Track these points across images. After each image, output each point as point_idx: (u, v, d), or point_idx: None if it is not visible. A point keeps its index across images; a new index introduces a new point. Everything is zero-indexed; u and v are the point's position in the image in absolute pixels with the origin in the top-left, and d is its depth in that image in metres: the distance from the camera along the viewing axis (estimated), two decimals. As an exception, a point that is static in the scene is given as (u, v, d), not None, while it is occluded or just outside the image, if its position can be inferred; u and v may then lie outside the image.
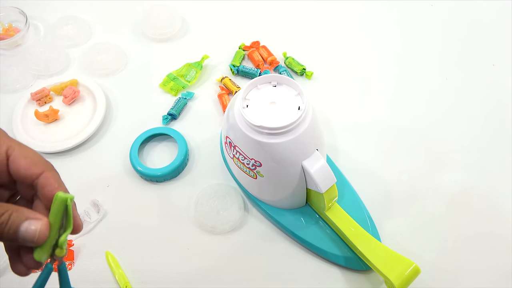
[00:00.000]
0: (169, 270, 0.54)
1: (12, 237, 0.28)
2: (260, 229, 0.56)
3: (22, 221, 0.28)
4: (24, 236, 0.28)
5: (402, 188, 0.59)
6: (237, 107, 0.47)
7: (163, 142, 0.64)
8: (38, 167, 0.31)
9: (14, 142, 0.32)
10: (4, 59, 0.73)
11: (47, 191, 0.31)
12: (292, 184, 0.50)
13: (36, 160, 0.31)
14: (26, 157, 0.31)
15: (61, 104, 0.67)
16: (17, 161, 0.31)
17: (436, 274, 0.52)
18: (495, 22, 0.77)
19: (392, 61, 0.72)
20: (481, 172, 0.60)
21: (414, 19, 0.78)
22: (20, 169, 0.31)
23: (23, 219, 0.28)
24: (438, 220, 0.56)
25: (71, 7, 0.80)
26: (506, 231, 0.55)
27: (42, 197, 0.31)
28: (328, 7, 0.79)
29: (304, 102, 0.46)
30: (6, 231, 0.28)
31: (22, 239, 0.29)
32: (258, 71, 0.69)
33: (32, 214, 0.29)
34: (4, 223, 0.28)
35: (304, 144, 0.46)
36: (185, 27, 0.77)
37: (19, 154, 0.31)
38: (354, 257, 0.52)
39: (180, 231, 0.56)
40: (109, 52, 0.72)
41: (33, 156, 0.31)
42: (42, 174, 0.31)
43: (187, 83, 0.69)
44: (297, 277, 0.53)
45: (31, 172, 0.31)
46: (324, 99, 0.68)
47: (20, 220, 0.28)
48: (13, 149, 0.31)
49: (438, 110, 0.66)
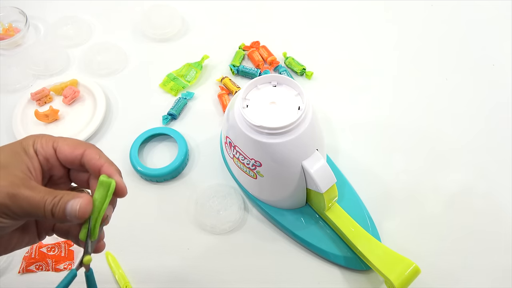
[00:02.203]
0: (169, 270, 0.54)
1: (62, 216, 0.33)
2: (260, 229, 0.56)
3: (70, 199, 0.33)
4: (70, 212, 0.33)
5: (402, 188, 0.59)
6: (237, 107, 0.47)
7: (163, 142, 0.64)
8: (79, 148, 0.36)
9: (57, 138, 0.37)
10: (4, 59, 0.73)
11: (92, 164, 0.36)
12: (292, 184, 0.50)
13: (76, 143, 0.37)
14: (68, 144, 0.36)
15: (61, 104, 0.67)
16: (62, 150, 0.36)
17: (436, 274, 0.52)
18: (495, 22, 0.77)
19: (392, 61, 0.72)
20: (481, 172, 0.60)
21: (414, 19, 0.78)
22: (66, 154, 0.36)
23: (70, 198, 0.33)
24: (438, 220, 0.56)
25: (71, 7, 0.80)
26: (506, 231, 0.55)
27: (91, 172, 0.36)
28: (328, 7, 0.79)
29: (304, 102, 0.46)
30: (57, 210, 0.33)
31: (69, 215, 0.33)
32: (258, 71, 0.69)
33: (78, 195, 0.33)
34: (56, 203, 0.33)
35: (304, 144, 0.46)
36: (185, 27, 0.77)
37: (62, 144, 0.36)
38: (354, 257, 0.52)
39: (180, 231, 0.56)
40: (109, 52, 0.72)
41: (73, 141, 0.37)
42: (85, 152, 0.36)
43: (187, 83, 0.69)
44: (297, 277, 0.53)
45: (75, 153, 0.36)
46: (324, 99, 0.68)
47: (68, 199, 0.33)
48: (57, 142, 0.36)
49: (438, 110, 0.66)
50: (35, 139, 0.36)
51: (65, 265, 0.53)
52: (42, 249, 0.53)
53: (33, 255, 0.53)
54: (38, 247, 0.53)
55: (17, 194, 0.32)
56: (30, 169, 0.35)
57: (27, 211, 0.33)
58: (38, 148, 0.36)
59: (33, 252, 0.53)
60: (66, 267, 0.53)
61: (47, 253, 0.53)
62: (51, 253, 0.53)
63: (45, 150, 0.36)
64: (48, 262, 0.53)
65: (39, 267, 0.53)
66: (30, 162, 0.35)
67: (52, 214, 0.33)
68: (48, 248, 0.54)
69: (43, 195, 0.33)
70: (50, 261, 0.53)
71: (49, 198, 0.33)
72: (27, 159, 0.35)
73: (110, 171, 0.36)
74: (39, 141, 0.36)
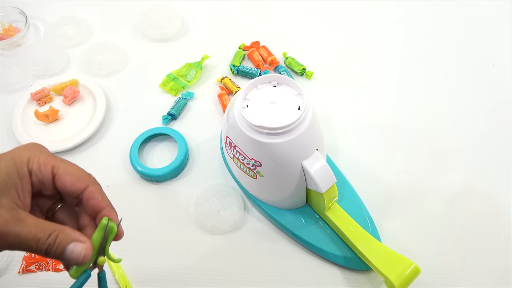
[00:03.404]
0: (169, 270, 0.54)
1: (59, 256, 0.31)
2: (260, 229, 0.56)
3: (68, 242, 0.31)
4: (70, 257, 0.31)
5: (402, 188, 0.59)
6: (237, 107, 0.47)
7: (163, 142, 0.64)
8: (82, 182, 0.34)
9: (58, 160, 0.34)
10: (4, 59, 0.73)
11: (92, 204, 0.34)
12: (292, 184, 0.50)
13: (79, 176, 0.34)
14: (71, 174, 0.34)
15: (61, 104, 0.67)
16: (63, 179, 0.33)
17: (436, 274, 0.52)
18: (495, 22, 0.77)
19: (392, 61, 0.72)
20: (481, 172, 0.60)
21: (415, 19, 0.78)
22: (66, 185, 0.33)
23: (69, 241, 0.31)
24: (438, 220, 0.56)
25: (71, 7, 0.80)
26: (506, 231, 0.55)
27: (87, 208, 0.34)
28: (328, 7, 0.79)
29: (304, 102, 0.46)
30: (53, 250, 0.31)
31: (67, 259, 0.31)
32: (258, 71, 0.69)
33: (77, 236, 0.32)
34: (51, 244, 0.31)
35: (304, 144, 0.46)
36: (185, 27, 0.77)
37: (64, 172, 0.33)
38: (354, 257, 0.52)
39: (180, 231, 0.56)
40: (109, 52, 0.72)
41: (76, 173, 0.34)
42: (87, 188, 0.34)
43: (187, 83, 0.69)
44: (297, 277, 0.53)
45: (76, 187, 0.34)
46: (324, 99, 0.68)
47: (66, 241, 0.31)
48: (58, 168, 0.33)
49: (438, 110, 0.66)
50: (31, 156, 0.33)
51: (65, 265, 0.53)
52: (42, 249, 0.53)
53: (33, 255, 0.53)
54: (38, 247, 0.53)
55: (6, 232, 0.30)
56: (19, 193, 0.32)
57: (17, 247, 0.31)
58: (34, 169, 0.33)
59: (33, 252, 0.53)
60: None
61: (47, 253, 0.53)
62: (51, 253, 0.53)
63: (42, 173, 0.33)
64: (48, 262, 0.53)
65: (39, 267, 0.53)
66: (20, 185, 0.32)
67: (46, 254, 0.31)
68: (48, 248, 0.54)
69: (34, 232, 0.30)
70: (50, 261, 0.53)
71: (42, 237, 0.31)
72: (17, 182, 0.32)
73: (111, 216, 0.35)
74: (36, 161, 0.33)
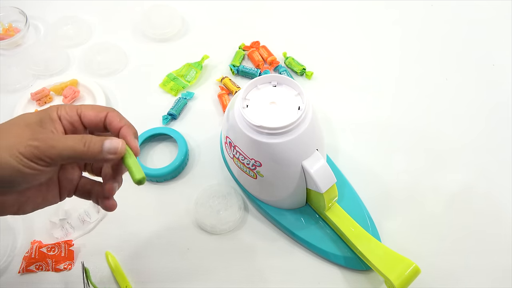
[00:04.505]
0: (169, 270, 0.54)
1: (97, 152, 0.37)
2: (260, 229, 0.56)
3: (103, 140, 0.37)
4: (109, 148, 0.37)
5: (402, 188, 0.59)
6: (237, 107, 0.47)
7: (163, 142, 0.64)
8: (102, 111, 0.40)
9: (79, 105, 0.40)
10: (4, 59, 0.73)
11: (113, 126, 0.40)
12: (292, 184, 0.50)
13: (99, 108, 0.41)
14: (92, 109, 0.40)
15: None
16: (87, 114, 0.40)
17: (436, 274, 0.52)
18: (495, 22, 0.77)
19: (392, 61, 0.72)
20: (481, 172, 0.60)
21: (414, 19, 0.78)
22: (91, 118, 0.40)
23: (103, 139, 0.37)
24: (438, 220, 0.56)
25: (71, 7, 0.80)
26: (506, 231, 0.55)
27: (110, 130, 0.41)
28: (328, 7, 0.79)
29: (304, 102, 0.46)
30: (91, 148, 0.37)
31: (107, 151, 0.37)
32: (258, 71, 0.69)
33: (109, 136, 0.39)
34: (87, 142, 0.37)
35: (304, 144, 0.46)
36: (185, 27, 0.77)
37: (86, 110, 0.40)
38: (354, 257, 0.52)
39: (180, 231, 0.56)
40: (109, 52, 0.72)
41: (96, 106, 0.41)
42: (108, 114, 0.40)
43: (187, 83, 0.69)
44: (297, 277, 0.53)
45: (99, 116, 0.40)
46: (324, 99, 0.68)
47: (101, 139, 0.37)
48: (80, 109, 0.40)
49: (438, 110, 0.66)
50: (58, 107, 0.39)
51: (65, 265, 0.53)
52: (42, 249, 0.53)
53: (33, 255, 0.53)
54: (38, 247, 0.53)
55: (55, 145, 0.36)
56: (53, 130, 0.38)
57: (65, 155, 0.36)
58: (63, 114, 0.39)
59: (33, 252, 0.53)
60: (66, 267, 0.53)
61: (47, 253, 0.53)
62: (51, 253, 0.53)
63: (70, 115, 0.39)
64: (48, 262, 0.53)
65: (39, 267, 0.53)
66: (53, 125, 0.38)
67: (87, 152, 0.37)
68: (48, 248, 0.54)
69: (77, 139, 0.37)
70: (50, 261, 0.53)
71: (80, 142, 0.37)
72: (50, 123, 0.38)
73: (128, 132, 0.40)
74: (63, 109, 0.39)
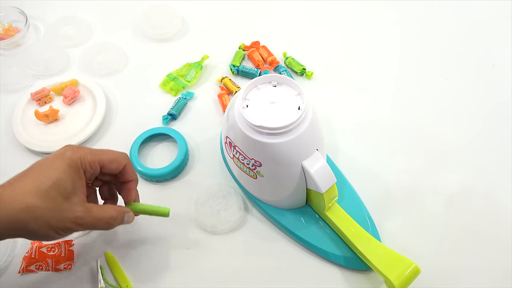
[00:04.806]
0: (169, 270, 0.54)
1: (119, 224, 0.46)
2: (260, 229, 0.56)
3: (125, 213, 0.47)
4: (127, 221, 0.47)
5: (402, 188, 0.59)
6: (237, 107, 0.47)
7: (163, 142, 0.64)
8: (121, 164, 0.47)
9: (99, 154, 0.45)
10: (4, 59, 0.73)
11: (125, 178, 0.48)
12: (292, 184, 0.50)
13: (119, 160, 0.46)
14: (113, 162, 0.46)
15: (61, 104, 0.67)
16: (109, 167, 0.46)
17: (436, 274, 0.52)
18: (495, 22, 0.77)
19: (392, 61, 0.72)
20: (481, 171, 0.60)
21: (414, 19, 0.78)
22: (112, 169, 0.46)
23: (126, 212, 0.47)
24: (438, 220, 0.56)
25: (71, 7, 0.80)
26: (505, 231, 0.55)
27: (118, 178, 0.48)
28: (328, 7, 0.79)
29: (304, 102, 0.46)
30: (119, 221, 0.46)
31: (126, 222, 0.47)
32: (258, 71, 0.69)
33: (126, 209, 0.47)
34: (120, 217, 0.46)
35: (304, 144, 0.46)
36: (185, 27, 0.77)
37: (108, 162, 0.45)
38: (354, 257, 0.52)
39: (180, 231, 0.56)
40: (109, 52, 0.72)
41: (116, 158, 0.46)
42: (125, 166, 0.47)
43: (187, 83, 0.69)
44: (297, 277, 0.53)
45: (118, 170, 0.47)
46: (324, 99, 0.68)
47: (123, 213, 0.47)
48: (102, 161, 0.45)
49: (438, 110, 0.66)
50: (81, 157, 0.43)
51: (65, 265, 0.53)
52: (42, 249, 0.53)
53: (33, 255, 0.53)
54: (38, 247, 0.53)
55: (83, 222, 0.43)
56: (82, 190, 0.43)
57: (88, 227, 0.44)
58: (87, 168, 0.44)
59: (33, 252, 0.53)
60: (66, 267, 0.53)
61: (47, 253, 0.53)
62: (51, 253, 0.53)
63: (93, 170, 0.44)
64: (48, 262, 0.53)
65: (39, 267, 0.53)
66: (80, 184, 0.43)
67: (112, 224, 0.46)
68: (48, 248, 0.54)
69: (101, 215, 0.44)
70: (50, 261, 0.53)
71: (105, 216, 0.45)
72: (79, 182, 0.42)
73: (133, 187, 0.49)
74: (87, 161, 0.44)
